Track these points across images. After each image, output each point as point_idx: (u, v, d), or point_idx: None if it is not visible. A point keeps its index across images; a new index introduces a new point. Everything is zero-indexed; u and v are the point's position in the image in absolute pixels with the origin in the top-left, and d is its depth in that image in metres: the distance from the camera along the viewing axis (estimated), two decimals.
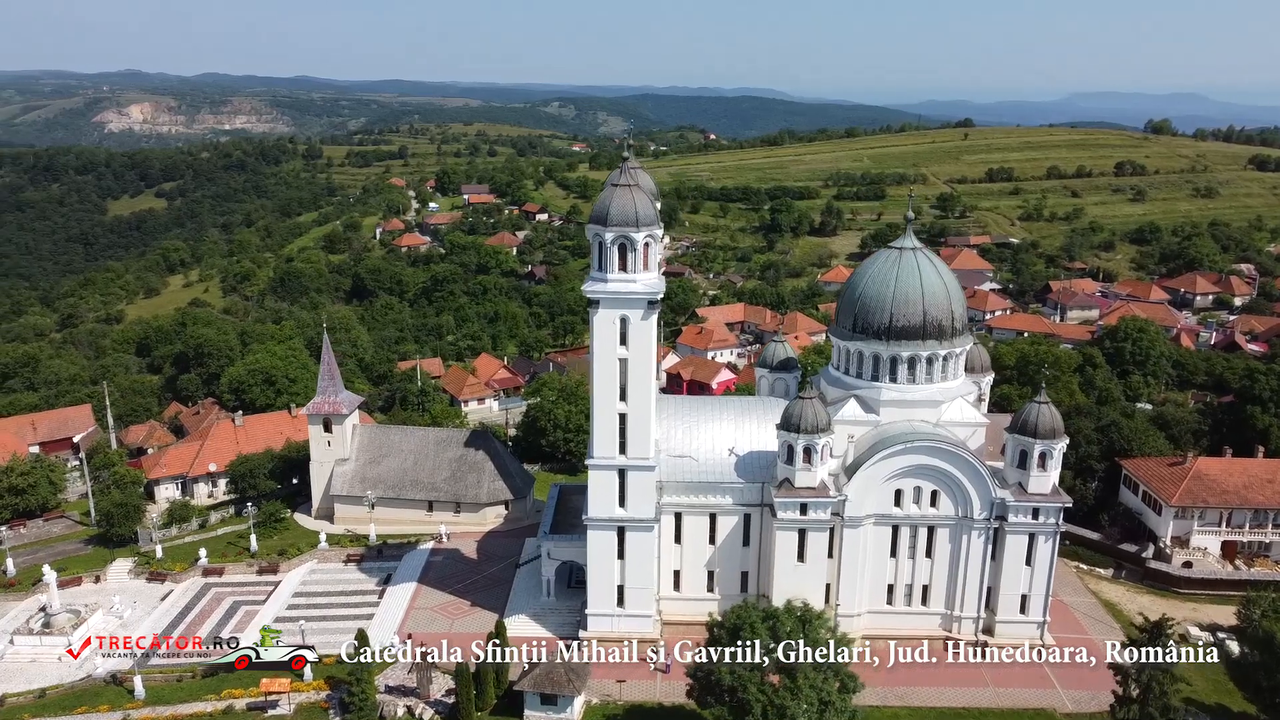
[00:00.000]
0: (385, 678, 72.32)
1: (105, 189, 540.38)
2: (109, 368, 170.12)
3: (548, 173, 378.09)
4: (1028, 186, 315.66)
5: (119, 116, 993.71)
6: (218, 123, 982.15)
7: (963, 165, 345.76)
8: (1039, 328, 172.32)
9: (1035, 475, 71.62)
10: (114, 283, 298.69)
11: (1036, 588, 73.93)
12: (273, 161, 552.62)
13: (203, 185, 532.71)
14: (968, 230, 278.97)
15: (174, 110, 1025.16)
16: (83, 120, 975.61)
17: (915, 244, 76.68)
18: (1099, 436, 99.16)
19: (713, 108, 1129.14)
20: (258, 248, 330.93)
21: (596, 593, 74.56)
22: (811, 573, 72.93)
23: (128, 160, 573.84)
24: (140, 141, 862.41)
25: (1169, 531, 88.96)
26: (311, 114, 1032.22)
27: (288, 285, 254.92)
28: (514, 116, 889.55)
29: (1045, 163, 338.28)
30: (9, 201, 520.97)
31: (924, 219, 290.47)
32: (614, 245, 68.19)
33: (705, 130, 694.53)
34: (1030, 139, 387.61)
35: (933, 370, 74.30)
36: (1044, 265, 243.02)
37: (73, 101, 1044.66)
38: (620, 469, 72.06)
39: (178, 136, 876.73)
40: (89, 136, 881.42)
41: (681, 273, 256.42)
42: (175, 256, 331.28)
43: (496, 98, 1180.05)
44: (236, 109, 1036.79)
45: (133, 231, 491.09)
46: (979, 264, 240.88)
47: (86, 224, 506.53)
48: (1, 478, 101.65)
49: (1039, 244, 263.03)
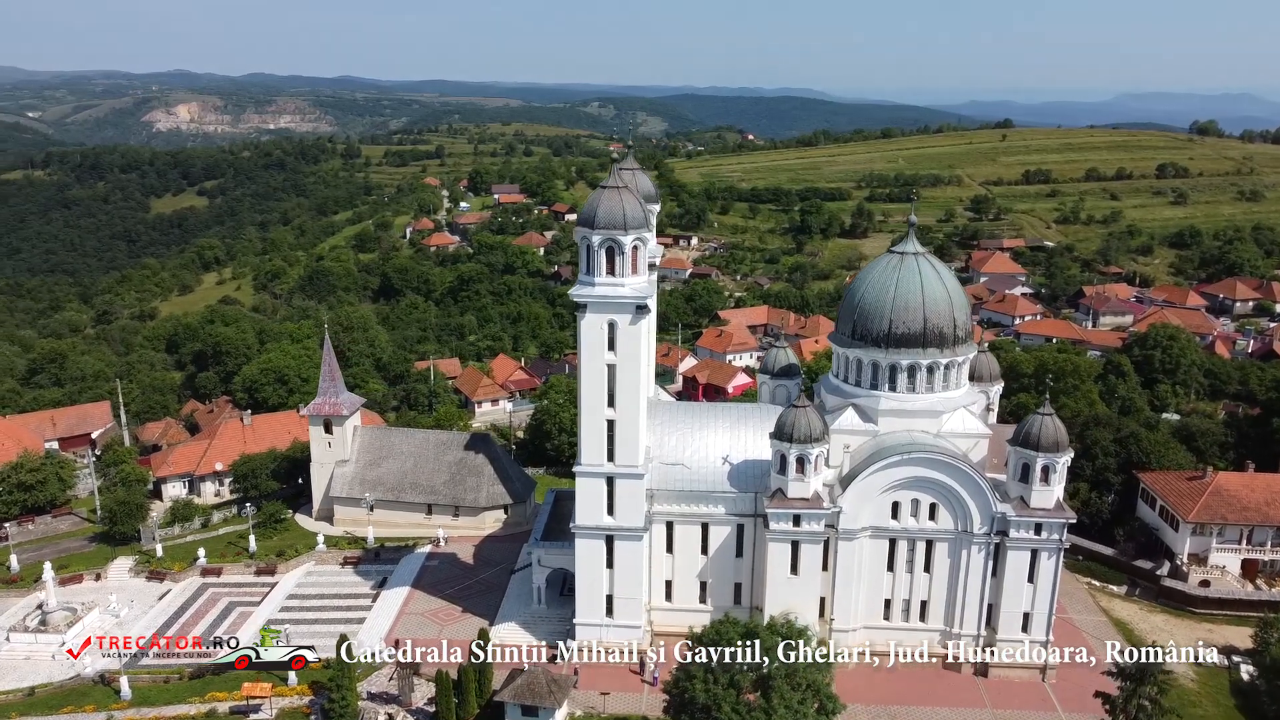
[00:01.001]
0: (368, 684, 71.58)
1: (149, 187, 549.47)
2: (134, 364, 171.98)
3: (579, 173, 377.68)
4: (1065, 189, 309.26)
5: (167, 116, 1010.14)
6: (262, 122, 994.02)
7: (999, 167, 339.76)
8: (1068, 334, 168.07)
9: (1038, 489, 69.00)
10: (149, 280, 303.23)
11: (1039, 606, 71.30)
12: (312, 161, 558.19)
13: (243, 184, 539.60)
14: (1002, 233, 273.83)
15: (220, 110, 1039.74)
16: (132, 119, 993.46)
17: (917, 248, 74.37)
18: (1117, 448, 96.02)
19: (753, 108, 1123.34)
20: (290, 246, 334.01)
21: (585, 602, 73.25)
22: (805, 586, 71.09)
23: (170, 159, 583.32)
24: (187, 140, 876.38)
25: (1186, 548, 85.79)
26: (354, 114, 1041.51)
27: (315, 284, 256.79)
28: (553, 116, 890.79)
29: (1084, 164, 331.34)
30: (56, 199, 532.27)
31: (958, 221, 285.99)
32: (601, 248, 66.86)
33: (743, 131, 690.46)
34: (1070, 140, 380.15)
35: (934, 379, 71.98)
36: (1079, 269, 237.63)
37: (123, 101, 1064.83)
38: (608, 476, 70.69)
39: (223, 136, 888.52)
40: (138, 135, 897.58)
41: (708, 274, 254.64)
42: (210, 254, 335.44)
43: (537, 98, 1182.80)
44: (281, 109, 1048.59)
45: (174, 229, 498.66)
46: (1011, 268, 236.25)
47: (130, 221, 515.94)
48: (10, 474, 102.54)
49: (1074, 248, 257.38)
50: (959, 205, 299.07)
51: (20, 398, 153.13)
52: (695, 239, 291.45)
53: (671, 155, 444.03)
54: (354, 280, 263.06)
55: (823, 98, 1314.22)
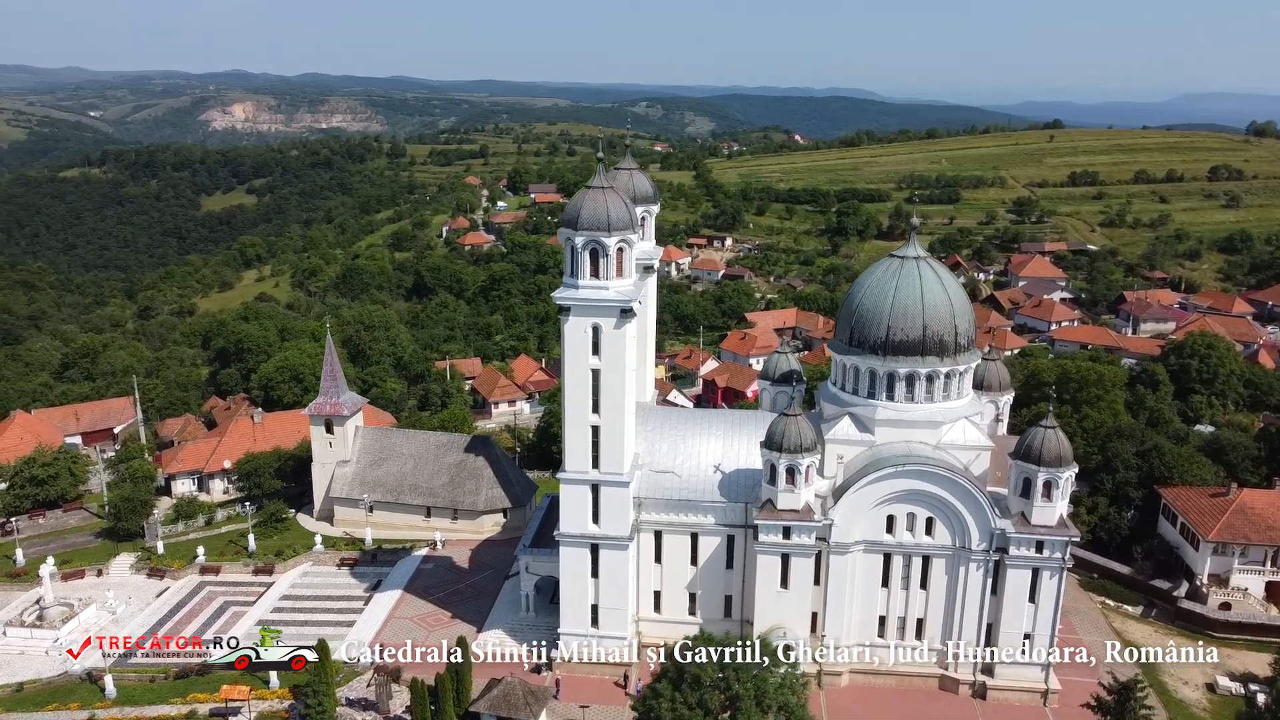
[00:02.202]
0: (348, 689, 70.76)
1: (200, 185, 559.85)
2: (164, 360, 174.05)
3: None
4: (1112, 191, 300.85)
5: (222, 115, 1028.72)
6: (315, 121, 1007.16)
7: (1045, 168, 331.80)
8: (1104, 340, 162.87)
9: (1039, 505, 66.02)
10: (191, 276, 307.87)
11: (1041, 627, 68.32)
12: (358, 160, 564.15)
13: (290, 182, 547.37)
14: (1044, 236, 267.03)
15: (274, 109, 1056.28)
16: (189, 119, 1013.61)
17: (919, 252, 71.73)
18: (1139, 461, 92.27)
19: (802, 108, 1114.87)
20: (329, 244, 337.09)
21: (569, 612, 71.76)
22: (795, 600, 69.01)
23: (221, 157, 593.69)
24: (241, 139, 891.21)
25: (1206, 568, 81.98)
26: (404, 113, 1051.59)
27: (349, 282, 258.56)
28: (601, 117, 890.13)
29: (1133, 166, 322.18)
30: (111, 196, 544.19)
31: (999, 224, 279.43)
32: (585, 250, 65.25)
33: (790, 131, 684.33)
34: (1120, 141, 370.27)
35: (933, 388, 69.25)
36: (1122, 274, 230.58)
37: (180, 101, 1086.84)
38: (593, 484, 69.08)
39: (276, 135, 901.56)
40: (194, 134, 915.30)
41: (741, 275, 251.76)
42: (252, 251, 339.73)
43: (585, 98, 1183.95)
44: (333, 108, 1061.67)
45: (223, 226, 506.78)
46: (1051, 272, 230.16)
47: (181, 219, 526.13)
48: (23, 469, 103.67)
49: (1118, 251, 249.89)
50: (1001, 207, 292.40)
51: (51, 391, 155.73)
52: (730, 240, 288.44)
53: (712, 155, 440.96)
54: (388, 278, 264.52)
55: (873, 98, 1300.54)
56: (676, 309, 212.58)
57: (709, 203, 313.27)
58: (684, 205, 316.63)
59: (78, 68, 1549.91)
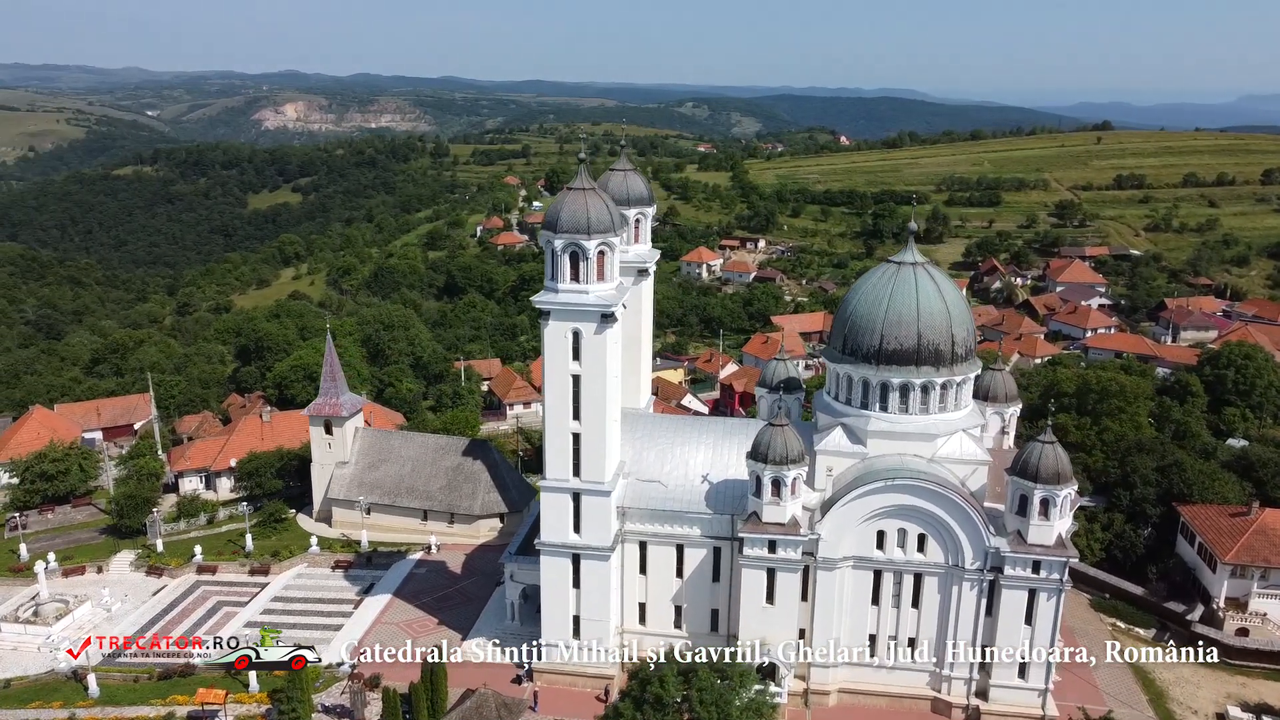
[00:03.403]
0: (326, 695, 69.97)
1: (247, 183, 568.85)
2: (191, 357, 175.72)
3: (654, 173, 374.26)
4: (1160, 195, 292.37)
5: (275, 115, 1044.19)
6: (364, 121, 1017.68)
7: (1090, 171, 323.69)
8: (1139, 349, 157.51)
9: (1036, 524, 63.18)
10: (230, 273, 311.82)
11: (1038, 650, 65.38)
12: (402, 159, 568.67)
13: (335, 181, 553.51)
14: (1085, 240, 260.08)
15: (325, 109, 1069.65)
16: (242, 118, 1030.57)
17: (916, 258, 69.09)
18: (1158, 477, 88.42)
19: (850, 109, 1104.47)
20: (365, 243, 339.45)
21: (550, 623, 70.29)
22: (782, 616, 66.78)
23: (268, 156, 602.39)
24: (293, 138, 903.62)
25: (1223, 591, 78.22)
26: (452, 113, 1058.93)
27: (381, 281, 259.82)
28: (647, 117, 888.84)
29: (1183, 169, 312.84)
30: (161, 194, 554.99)
31: (1039, 227, 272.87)
32: (565, 253, 63.78)
33: (836, 132, 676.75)
34: (1170, 144, 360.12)
35: (928, 399, 66.67)
36: (1165, 280, 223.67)
37: (234, 101, 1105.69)
38: (574, 492, 67.55)
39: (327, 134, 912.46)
40: (247, 134, 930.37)
41: (773, 278, 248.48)
42: (290, 249, 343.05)
43: (632, 98, 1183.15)
44: (382, 108, 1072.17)
45: (268, 224, 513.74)
46: (1090, 277, 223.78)
47: (228, 216, 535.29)
48: (34, 464, 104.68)
49: (1162, 257, 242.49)
50: (1043, 210, 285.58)
51: (79, 386, 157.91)
52: (763, 241, 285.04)
53: (751, 156, 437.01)
54: (419, 278, 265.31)
55: (923, 98, 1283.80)
56: (703, 311, 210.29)
57: (743, 204, 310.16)
58: (718, 206, 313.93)
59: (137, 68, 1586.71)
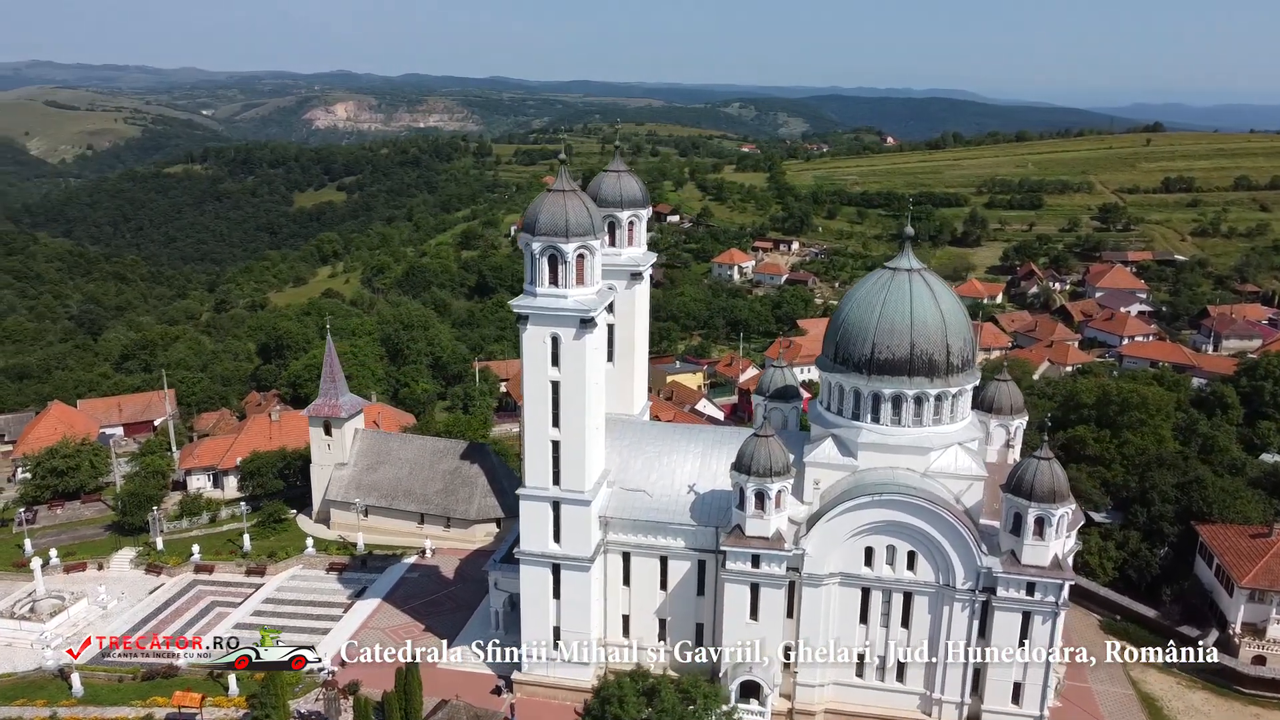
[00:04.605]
0: (304, 701, 69.21)
1: (293, 181, 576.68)
2: (218, 354, 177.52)
3: (691, 174, 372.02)
4: (1209, 198, 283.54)
5: (325, 114, 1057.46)
6: (413, 121, 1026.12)
7: (1137, 173, 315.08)
8: (1175, 358, 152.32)
9: (1030, 544, 60.40)
10: (268, 271, 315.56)
11: (1032, 675, 62.66)
12: (445, 159, 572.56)
13: (379, 180, 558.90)
14: (1128, 245, 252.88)
15: (374, 109, 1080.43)
16: (293, 118, 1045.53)
17: (912, 264, 66.67)
18: (1178, 494, 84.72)
19: (900, 109, 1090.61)
20: (400, 241, 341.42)
21: (530, 633, 68.87)
22: (765, 633, 64.64)
23: (314, 155, 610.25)
24: (342, 138, 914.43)
25: (1240, 616, 74.51)
26: (499, 113, 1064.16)
27: (413, 280, 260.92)
28: (693, 117, 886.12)
29: (1235, 172, 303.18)
30: (210, 192, 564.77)
31: (1081, 231, 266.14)
32: (543, 256, 62.32)
33: (882, 133, 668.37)
34: (1223, 146, 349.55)
35: (922, 411, 64.12)
36: (1210, 286, 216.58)
37: (286, 100, 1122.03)
38: (554, 501, 66.09)
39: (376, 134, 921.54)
40: (298, 133, 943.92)
41: (805, 281, 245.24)
42: (328, 248, 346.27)
43: (679, 98, 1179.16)
44: (430, 108, 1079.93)
45: (313, 222, 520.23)
46: (1131, 283, 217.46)
47: (274, 214, 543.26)
48: (45, 459, 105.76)
49: (1208, 262, 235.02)
50: (1086, 214, 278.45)
51: (106, 381, 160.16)
52: (796, 243, 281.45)
53: (791, 157, 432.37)
54: (450, 277, 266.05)
55: (975, 99, 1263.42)
56: (730, 313, 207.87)
57: (778, 205, 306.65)
58: (752, 207, 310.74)
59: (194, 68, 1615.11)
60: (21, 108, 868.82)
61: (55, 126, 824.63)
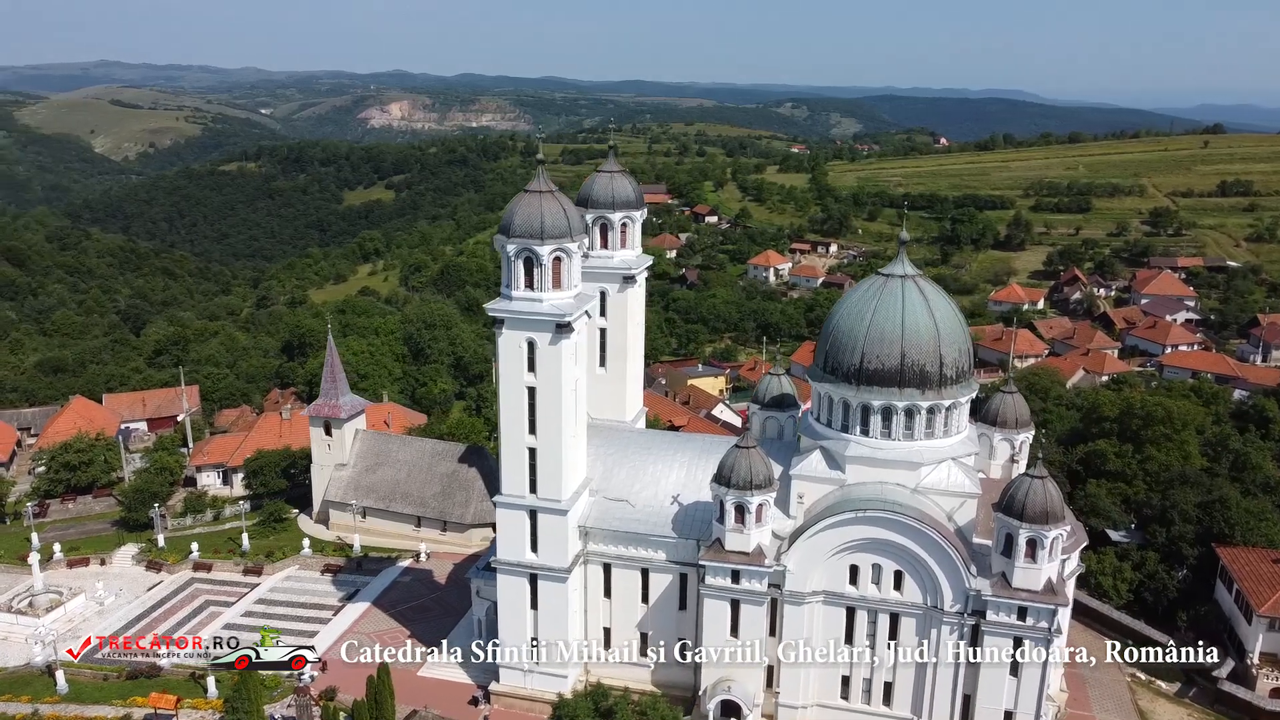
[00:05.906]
0: (280, 706, 68.54)
1: (343, 180, 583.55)
2: (247, 350, 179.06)
3: (733, 174, 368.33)
4: (1267, 203, 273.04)
5: (380, 113, 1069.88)
6: (465, 120, 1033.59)
7: (1192, 176, 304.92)
8: (1219, 368, 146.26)
9: (1021, 567, 57.39)
10: (310, 268, 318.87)
11: (1024, 704, 59.55)
12: (492, 158, 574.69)
13: (427, 179, 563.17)
14: (1179, 250, 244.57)
15: (428, 108, 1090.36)
16: (349, 117, 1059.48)
17: (907, 270, 63.63)
18: (1199, 514, 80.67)
19: (955, 110, 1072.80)
20: (441, 240, 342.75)
21: (508, 644, 67.24)
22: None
23: (365, 153, 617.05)
24: (396, 137, 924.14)
25: (1258, 645, 70.54)
26: (551, 113, 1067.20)
27: (447, 278, 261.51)
28: (744, 118, 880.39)
29: None
30: (262, 189, 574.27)
31: (1130, 236, 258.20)
32: (518, 258, 60.70)
33: (936, 134, 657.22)
34: None
35: (913, 424, 61.35)
36: (1264, 294, 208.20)
37: (343, 100, 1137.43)
38: (531, 510, 64.50)
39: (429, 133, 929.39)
40: (353, 132, 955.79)
41: (841, 284, 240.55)
42: (370, 245, 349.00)
43: (731, 99, 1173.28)
44: (483, 108, 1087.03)
45: (361, 220, 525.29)
46: (1179, 289, 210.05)
47: (323, 212, 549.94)
48: (59, 454, 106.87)
49: (1262, 269, 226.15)
50: (1136, 218, 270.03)
51: (138, 375, 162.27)
52: (834, 246, 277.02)
53: (836, 157, 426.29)
54: (486, 275, 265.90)
55: (1033, 99, 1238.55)
56: (761, 316, 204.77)
57: (817, 206, 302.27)
58: (792, 209, 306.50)
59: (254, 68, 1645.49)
60: (88, 107, 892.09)
61: (119, 125, 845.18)
